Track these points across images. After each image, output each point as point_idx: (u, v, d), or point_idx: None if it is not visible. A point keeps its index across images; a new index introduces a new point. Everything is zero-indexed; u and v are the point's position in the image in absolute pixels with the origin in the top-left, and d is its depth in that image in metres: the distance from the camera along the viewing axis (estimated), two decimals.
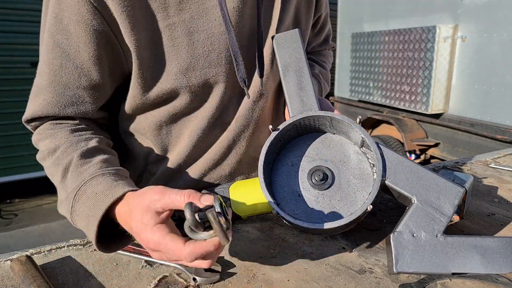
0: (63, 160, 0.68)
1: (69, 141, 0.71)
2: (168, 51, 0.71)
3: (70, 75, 0.70)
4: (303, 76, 0.76)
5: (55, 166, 0.69)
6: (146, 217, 0.54)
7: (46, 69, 0.71)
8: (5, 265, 0.63)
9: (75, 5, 0.65)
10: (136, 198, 0.57)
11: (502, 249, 0.57)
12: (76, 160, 0.67)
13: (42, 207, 4.16)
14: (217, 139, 0.80)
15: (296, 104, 0.74)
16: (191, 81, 0.73)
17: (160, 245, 0.53)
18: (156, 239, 0.53)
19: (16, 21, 4.01)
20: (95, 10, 0.65)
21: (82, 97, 0.73)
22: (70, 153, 0.69)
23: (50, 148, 0.71)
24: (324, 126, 0.73)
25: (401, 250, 0.57)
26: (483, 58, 3.21)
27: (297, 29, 0.78)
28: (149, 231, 0.54)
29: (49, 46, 0.69)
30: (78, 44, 0.68)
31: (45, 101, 0.72)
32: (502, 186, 0.97)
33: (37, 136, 0.75)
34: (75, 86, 0.72)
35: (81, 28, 0.66)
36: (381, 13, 4.19)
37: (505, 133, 3.06)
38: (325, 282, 0.58)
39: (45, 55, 0.71)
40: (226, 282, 0.59)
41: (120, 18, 0.66)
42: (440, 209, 0.61)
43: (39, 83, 0.73)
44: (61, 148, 0.70)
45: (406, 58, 3.69)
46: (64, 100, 0.72)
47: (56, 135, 0.72)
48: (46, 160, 0.72)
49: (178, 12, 0.69)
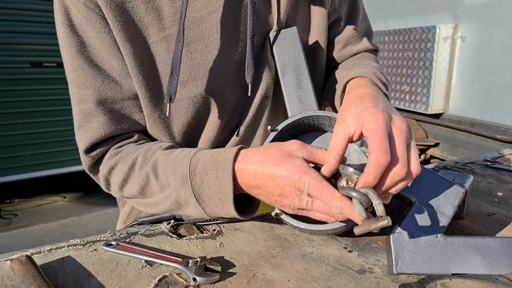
0: (148, 164, 0.67)
1: (143, 150, 0.69)
2: (167, 63, 0.70)
3: (114, 88, 0.70)
4: (302, 75, 0.75)
5: (141, 175, 0.67)
6: (295, 161, 0.53)
7: (88, 91, 0.70)
8: (5, 265, 0.63)
9: (90, 22, 0.66)
10: (268, 148, 0.56)
11: (502, 249, 0.57)
12: (163, 155, 0.65)
13: (42, 207, 4.15)
14: (225, 144, 0.80)
15: (295, 103, 0.73)
16: (192, 92, 0.72)
17: (318, 187, 0.52)
18: (314, 180, 0.52)
19: (16, 21, 4.01)
20: (106, 22, 0.66)
21: (130, 107, 0.72)
22: (151, 156, 0.67)
23: (127, 167, 0.69)
24: (323, 125, 0.73)
25: (401, 251, 0.57)
26: (483, 58, 3.21)
27: (295, 27, 0.76)
28: (305, 172, 0.52)
29: (84, 68, 0.69)
30: (108, 58, 0.69)
31: (99, 122, 0.70)
32: (502, 186, 0.97)
33: (107, 168, 0.72)
34: (120, 98, 0.71)
35: (104, 42, 0.67)
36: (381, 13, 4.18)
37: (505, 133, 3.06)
38: (325, 282, 0.58)
39: (83, 78, 0.70)
40: (226, 282, 0.59)
41: (114, 32, 0.66)
42: (440, 210, 0.61)
43: (85, 109, 0.71)
44: (139, 158, 0.68)
45: (406, 58, 3.69)
46: (116, 115, 0.71)
47: (126, 155, 0.71)
48: (128, 182, 0.70)
49: (173, 24, 0.68)
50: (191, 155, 0.63)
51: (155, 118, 0.74)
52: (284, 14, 0.76)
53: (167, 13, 0.68)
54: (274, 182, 0.55)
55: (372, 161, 0.51)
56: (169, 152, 0.67)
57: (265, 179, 0.55)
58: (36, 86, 4.14)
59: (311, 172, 0.53)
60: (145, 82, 0.70)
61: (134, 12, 0.67)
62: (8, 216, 3.96)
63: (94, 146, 0.72)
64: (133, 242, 0.69)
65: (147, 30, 0.68)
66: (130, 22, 0.67)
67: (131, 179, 0.70)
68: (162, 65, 0.70)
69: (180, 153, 0.66)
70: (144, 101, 0.72)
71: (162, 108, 0.73)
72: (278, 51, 0.76)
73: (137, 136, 0.75)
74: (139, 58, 0.69)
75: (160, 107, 0.73)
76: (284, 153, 0.55)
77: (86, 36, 0.68)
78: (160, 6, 0.68)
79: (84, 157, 0.73)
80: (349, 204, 0.52)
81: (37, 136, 4.26)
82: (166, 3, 0.68)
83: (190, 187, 0.61)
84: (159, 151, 0.68)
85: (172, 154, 0.66)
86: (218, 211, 0.62)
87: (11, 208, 4.15)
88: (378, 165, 0.51)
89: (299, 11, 0.81)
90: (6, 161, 4.21)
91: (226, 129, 0.78)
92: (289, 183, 0.53)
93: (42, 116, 4.20)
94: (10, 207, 4.19)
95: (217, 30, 0.71)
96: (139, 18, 0.67)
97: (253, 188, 0.58)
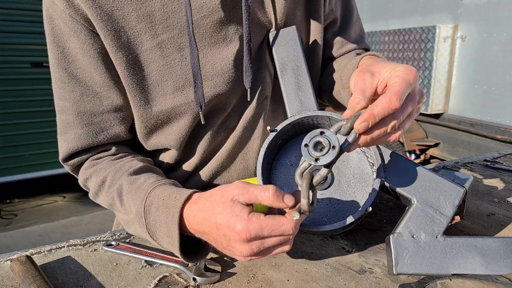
0: (114, 186, 0.68)
1: (114, 168, 0.70)
2: (162, 70, 0.69)
3: (93, 102, 0.70)
4: (301, 75, 0.74)
5: (109, 195, 0.69)
6: (236, 209, 0.52)
7: (68, 103, 0.70)
8: (5, 265, 0.63)
9: (74, 33, 0.66)
10: (214, 194, 0.55)
11: (503, 250, 0.57)
12: (128, 182, 0.66)
13: (42, 207, 4.16)
14: (223, 145, 0.79)
15: (294, 103, 0.73)
16: (189, 97, 0.71)
17: (263, 228, 0.51)
18: (257, 225, 0.51)
19: (16, 21, 4.01)
20: (92, 33, 0.66)
21: (109, 120, 0.72)
22: (119, 178, 0.68)
23: (98, 182, 0.71)
24: (323, 125, 0.73)
25: (401, 252, 0.57)
26: (483, 58, 3.21)
27: (294, 26, 0.76)
28: (246, 220, 0.51)
29: (64, 80, 0.69)
30: (89, 70, 0.68)
31: (76, 134, 0.71)
32: (502, 186, 0.97)
33: (83, 177, 0.74)
34: (99, 112, 0.71)
35: (87, 54, 0.67)
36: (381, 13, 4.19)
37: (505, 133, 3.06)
38: (325, 282, 0.58)
39: (62, 89, 0.70)
40: (226, 282, 0.59)
41: (105, 41, 0.66)
42: (440, 210, 0.61)
43: (64, 120, 0.72)
44: (109, 178, 0.70)
45: (406, 58, 3.69)
46: (94, 128, 0.72)
47: (99, 169, 0.72)
48: (99, 196, 0.72)
49: (166, 29, 0.68)
50: (148, 192, 0.63)
51: (151, 124, 0.74)
52: (282, 14, 0.76)
53: (159, 19, 0.67)
54: (220, 232, 0.54)
55: (386, 98, 0.51)
56: (133, 180, 0.67)
57: (211, 227, 0.55)
58: (36, 86, 4.15)
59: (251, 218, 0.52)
60: (139, 90, 0.70)
61: (125, 20, 0.66)
62: (8, 216, 3.96)
63: (72, 155, 0.74)
64: (133, 242, 0.69)
65: (139, 37, 0.67)
66: (121, 30, 0.66)
67: (101, 194, 0.71)
68: (156, 72, 0.70)
69: (141, 184, 0.65)
70: (138, 109, 0.72)
71: (158, 115, 0.73)
72: (277, 51, 0.76)
73: (115, 149, 0.75)
74: (132, 66, 0.68)
75: (155, 114, 0.73)
76: (226, 200, 0.54)
77: (67, 47, 0.67)
78: (151, 12, 0.66)
79: (63, 163, 0.76)
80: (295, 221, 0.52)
81: (37, 136, 4.27)
82: (158, 8, 0.67)
83: (145, 225, 0.61)
84: (125, 176, 0.68)
85: (135, 184, 0.66)
86: (172, 250, 0.61)
87: (11, 208, 4.15)
88: (388, 105, 0.51)
89: (297, 12, 0.80)
90: (6, 161, 4.22)
91: (223, 130, 0.78)
92: (234, 234, 0.52)
93: (42, 116, 4.20)
94: (10, 207, 4.19)
95: (210, 34, 0.70)
96: (131, 26, 0.66)
97: (203, 234, 0.57)
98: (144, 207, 0.61)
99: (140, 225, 0.62)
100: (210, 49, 0.71)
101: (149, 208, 0.61)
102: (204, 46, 0.71)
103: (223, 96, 0.74)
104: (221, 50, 0.72)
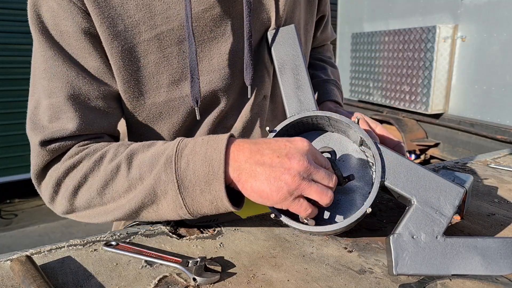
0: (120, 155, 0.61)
1: (115, 144, 0.64)
2: (158, 62, 0.67)
3: (89, 84, 0.65)
4: (300, 74, 0.74)
5: (109, 168, 0.60)
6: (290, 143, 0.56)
7: (59, 83, 0.63)
8: (5, 265, 0.63)
9: (68, 16, 0.62)
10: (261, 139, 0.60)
11: (503, 250, 0.57)
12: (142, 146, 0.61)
13: (42, 207, 4.16)
14: None
15: (293, 103, 0.72)
16: (184, 92, 0.69)
17: (316, 162, 0.55)
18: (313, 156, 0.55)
19: (16, 21, 4.01)
20: (88, 17, 0.63)
21: (104, 107, 0.68)
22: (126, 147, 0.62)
23: (93, 162, 0.62)
24: (322, 124, 0.73)
25: (401, 252, 0.57)
26: (483, 58, 3.21)
27: (293, 25, 0.76)
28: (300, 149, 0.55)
29: (59, 59, 0.64)
30: (83, 54, 0.65)
31: (68, 118, 0.63)
32: (502, 186, 0.97)
33: (62, 168, 0.63)
34: (95, 96, 0.66)
35: (80, 37, 0.64)
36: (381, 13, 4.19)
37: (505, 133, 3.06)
38: (325, 282, 0.58)
39: (56, 68, 0.63)
40: (226, 282, 0.59)
41: (100, 30, 0.63)
42: (440, 210, 0.61)
43: (54, 103, 0.63)
44: (111, 151, 0.62)
45: (406, 58, 3.69)
46: (90, 114, 0.65)
47: (94, 150, 0.63)
48: (88, 179, 0.62)
49: (165, 21, 0.65)
50: (179, 139, 0.59)
51: (142, 117, 0.71)
52: (282, 12, 0.75)
53: (159, 10, 0.64)
54: (281, 142, 0.55)
55: None
56: (150, 144, 0.62)
57: (268, 141, 0.55)
58: None
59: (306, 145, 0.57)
60: (133, 81, 0.67)
61: (124, 8, 0.63)
62: (8, 216, 3.96)
63: (55, 139, 0.63)
64: (133, 242, 0.69)
65: (137, 27, 0.64)
66: (118, 18, 0.63)
67: (94, 174, 0.62)
68: (152, 64, 0.67)
69: (164, 142, 0.61)
70: (131, 101, 0.69)
71: (150, 107, 0.70)
72: (276, 50, 0.75)
73: (108, 138, 0.70)
74: (127, 56, 0.65)
75: (147, 107, 0.70)
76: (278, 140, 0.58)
77: (61, 30, 0.63)
78: (151, 2, 0.64)
79: (38, 151, 0.63)
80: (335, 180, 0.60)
81: None
82: None
83: (174, 170, 0.56)
84: (136, 144, 0.63)
85: (155, 145, 0.61)
86: (201, 201, 0.57)
87: (11, 208, 4.15)
88: None
89: (296, 10, 0.80)
90: (6, 161, 4.22)
91: (220, 129, 0.77)
92: (296, 145, 0.55)
93: None
94: (10, 207, 4.20)
95: (210, 28, 0.68)
96: (129, 15, 0.63)
97: (254, 156, 0.54)
98: (177, 149, 0.56)
99: (167, 173, 0.56)
100: (208, 43, 0.70)
101: (181, 151, 0.56)
102: (204, 40, 0.69)
103: (219, 93, 0.72)
104: (220, 45, 0.70)
